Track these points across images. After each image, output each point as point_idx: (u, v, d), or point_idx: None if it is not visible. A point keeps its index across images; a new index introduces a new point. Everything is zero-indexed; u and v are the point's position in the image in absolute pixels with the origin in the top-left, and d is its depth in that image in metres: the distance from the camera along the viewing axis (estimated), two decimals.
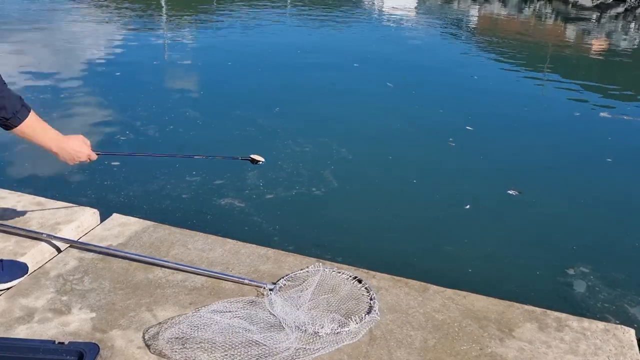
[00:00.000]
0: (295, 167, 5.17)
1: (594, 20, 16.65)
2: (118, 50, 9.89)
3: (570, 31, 15.25)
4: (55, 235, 2.66)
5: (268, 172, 5.04)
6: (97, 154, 2.53)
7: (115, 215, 2.99)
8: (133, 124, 6.15)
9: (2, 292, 2.36)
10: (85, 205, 2.96)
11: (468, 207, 4.61)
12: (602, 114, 7.41)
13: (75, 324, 2.18)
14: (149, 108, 6.72)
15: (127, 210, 3.78)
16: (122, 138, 5.71)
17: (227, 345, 2.03)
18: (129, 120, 6.27)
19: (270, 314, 2.22)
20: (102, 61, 9.03)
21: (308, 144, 5.74)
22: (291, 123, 6.41)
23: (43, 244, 2.62)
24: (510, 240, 4.19)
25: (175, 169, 5.05)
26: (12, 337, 2.08)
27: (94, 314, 2.24)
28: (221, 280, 2.47)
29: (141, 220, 2.95)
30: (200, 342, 2.05)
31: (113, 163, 5.11)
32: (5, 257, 2.46)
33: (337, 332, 2.14)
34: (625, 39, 13.84)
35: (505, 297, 2.47)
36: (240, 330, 2.09)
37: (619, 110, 7.72)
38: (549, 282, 3.72)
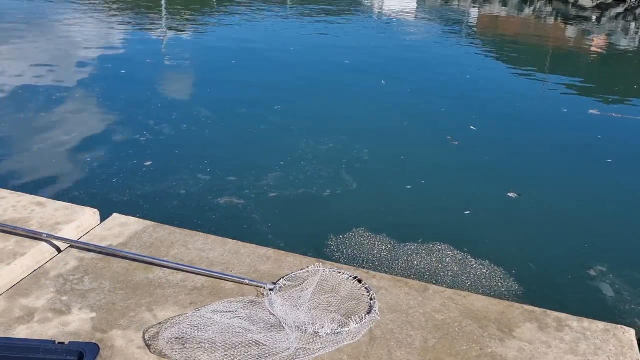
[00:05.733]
0: (295, 167, 5.17)
1: (594, 20, 16.64)
2: (121, 50, 9.88)
3: (570, 31, 15.25)
4: (55, 235, 2.66)
5: (268, 172, 5.04)
6: None
7: (115, 215, 2.99)
8: (147, 123, 6.14)
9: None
10: (85, 205, 2.96)
11: (469, 209, 4.61)
12: (600, 114, 7.41)
13: (75, 324, 2.18)
14: (158, 107, 6.72)
15: (127, 210, 3.78)
16: (142, 139, 5.69)
17: (227, 345, 2.03)
18: (142, 120, 6.26)
19: (270, 314, 2.22)
20: (106, 60, 9.03)
21: (307, 143, 5.73)
22: (291, 122, 6.41)
23: (43, 244, 2.62)
24: (510, 241, 4.19)
25: (175, 169, 5.05)
26: (12, 337, 2.08)
27: (94, 314, 2.24)
28: (221, 280, 2.47)
29: (141, 220, 2.95)
30: (200, 342, 2.05)
31: (113, 163, 5.11)
32: (5, 257, 2.46)
33: (337, 332, 2.14)
34: (625, 39, 13.83)
35: (505, 297, 2.47)
36: (241, 330, 2.09)
37: (620, 111, 7.72)
38: (549, 282, 3.72)
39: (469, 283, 3.56)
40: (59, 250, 2.66)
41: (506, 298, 2.42)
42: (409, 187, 4.99)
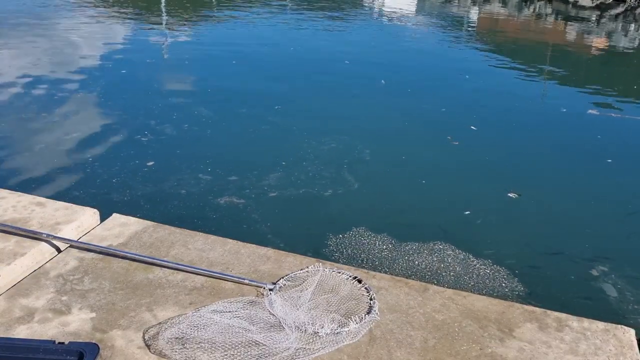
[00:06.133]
0: (296, 167, 5.17)
1: (594, 20, 16.64)
2: (121, 49, 9.87)
3: (570, 31, 15.25)
4: (55, 235, 2.66)
5: (268, 172, 5.04)
6: None
7: (115, 215, 2.99)
8: (148, 123, 6.13)
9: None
10: (85, 205, 2.96)
11: (470, 209, 4.61)
12: (599, 113, 7.41)
13: (75, 324, 2.18)
14: (159, 107, 6.71)
15: (127, 210, 3.79)
16: (142, 139, 5.68)
17: (227, 345, 2.03)
18: (143, 120, 6.26)
19: (270, 314, 2.22)
20: (107, 60, 9.03)
21: (308, 143, 5.73)
22: (292, 122, 6.40)
23: (43, 244, 2.62)
24: (510, 241, 4.19)
25: (175, 169, 5.05)
26: (12, 337, 2.08)
27: (94, 314, 2.24)
28: (221, 280, 2.47)
29: (141, 220, 2.95)
30: (200, 342, 2.05)
31: (113, 163, 5.11)
32: (5, 257, 2.46)
33: (337, 332, 2.14)
34: (625, 39, 13.83)
35: (505, 297, 2.47)
36: (240, 330, 2.09)
37: (620, 111, 7.72)
38: (549, 282, 3.72)
39: (469, 283, 3.56)
40: (59, 250, 2.66)
41: (506, 298, 2.42)
42: (409, 187, 4.99)
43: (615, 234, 4.41)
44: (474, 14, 17.92)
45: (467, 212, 4.55)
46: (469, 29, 15.31)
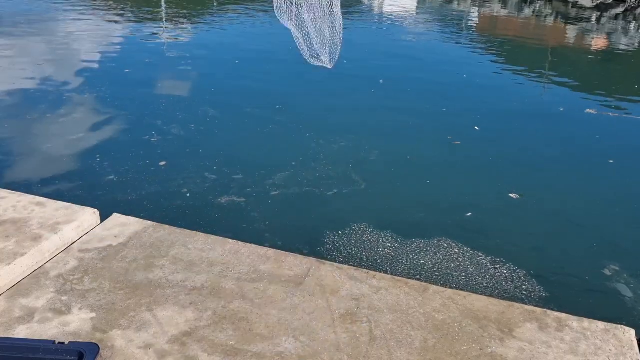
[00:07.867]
0: (296, 166, 5.17)
1: (594, 20, 16.65)
2: (124, 49, 9.86)
3: (570, 31, 15.25)
4: (55, 235, 2.66)
5: (269, 171, 5.03)
6: None
7: (115, 215, 2.99)
8: (154, 124, 6.10)
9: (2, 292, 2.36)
10: (85, 205, 2.96)
11: (471, 209, 4.61)
12: (597, 112, 7.41)
13: (75, 324, 2.18)
14: (163, 106, 6.69)
15: (127, 210, 3.78)
16: (152, 140, 5.66)
17: None
18: (149, 120, 6.23)
19: None
20: (109, 60, 9.01)
21: (310, 143, 5.73)
22: (293, 121, 6.40)
23: (43, 243, 2.62)
24: (511, 241, 4.19)
25: (175, 169, 5.05)
26: (12, 337, 2.08)
27: (94, 314, 2.24)
28: (221, 279, 2.46)
29: (141, 220, 2.95)
30: None
31: (114, 163, 5.11)
32: (5, 257, 2.47)
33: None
34: (625, 39, 13.83)
35: (505, 297, 2.47)
36: None
37: (621, 111, 7.72)
38: (549, 282, 3.72)
39: (469, 283, 3.56)
40: (59, 251, 2.66)
41: (506, 298, 2.42)
42: (412, 187, 4.99)
43: (617, 234, 4.40)
44: (474, 13, 17.93)
45: (469, 214, 4.55)
46: (469, 28, 15.31)
